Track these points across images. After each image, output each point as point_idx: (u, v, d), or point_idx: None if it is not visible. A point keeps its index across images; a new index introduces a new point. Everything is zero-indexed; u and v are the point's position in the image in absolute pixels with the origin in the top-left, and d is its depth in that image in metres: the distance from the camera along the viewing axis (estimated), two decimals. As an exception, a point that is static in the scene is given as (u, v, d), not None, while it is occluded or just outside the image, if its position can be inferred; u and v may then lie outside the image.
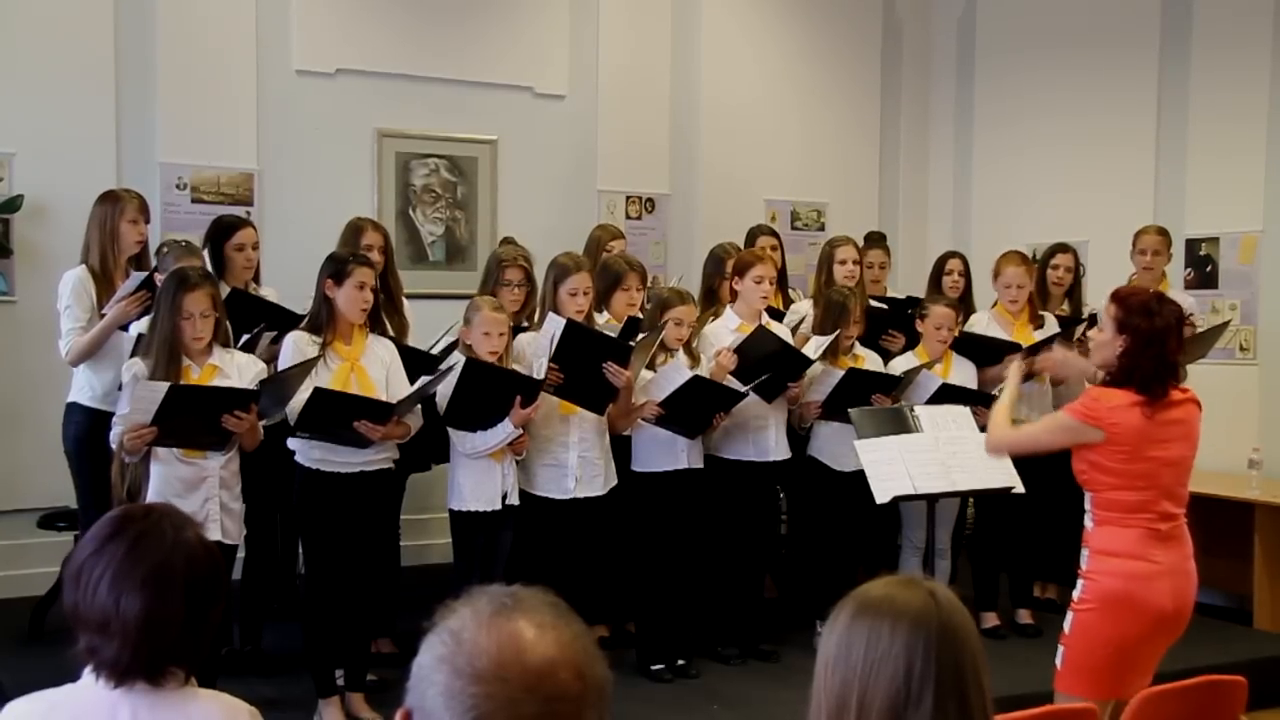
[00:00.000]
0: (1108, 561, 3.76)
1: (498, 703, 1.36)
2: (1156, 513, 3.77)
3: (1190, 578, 3.84)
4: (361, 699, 4.79)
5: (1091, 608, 3.77)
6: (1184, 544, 3.85)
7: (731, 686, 5.31)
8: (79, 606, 2.05)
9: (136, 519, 2.10)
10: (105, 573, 2.03)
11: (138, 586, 2.01)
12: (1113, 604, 3.73)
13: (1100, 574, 3.77)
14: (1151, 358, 3.74)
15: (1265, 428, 6.93)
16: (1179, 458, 3.82)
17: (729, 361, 5.34)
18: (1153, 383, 3.73)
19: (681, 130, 8.15)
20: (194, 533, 2.12)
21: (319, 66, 7.14)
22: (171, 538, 2.07)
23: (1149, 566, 3.74)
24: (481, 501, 4.89)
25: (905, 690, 1.71)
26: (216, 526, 4.42)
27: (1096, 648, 3.75)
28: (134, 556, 2.03)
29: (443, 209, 7.49)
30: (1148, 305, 3.80)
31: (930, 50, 9.08)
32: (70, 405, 5.29)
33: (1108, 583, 3.75)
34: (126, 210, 5.31)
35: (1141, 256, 6.28)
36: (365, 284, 4.69)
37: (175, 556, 2.05)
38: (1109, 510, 3.79)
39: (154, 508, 2.18)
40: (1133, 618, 3.72)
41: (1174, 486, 3.82)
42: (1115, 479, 3.76)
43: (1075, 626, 3.81)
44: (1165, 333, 3.76)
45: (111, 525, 2.09)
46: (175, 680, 2.08)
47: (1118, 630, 3.73)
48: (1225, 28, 7.21)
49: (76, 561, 2.07)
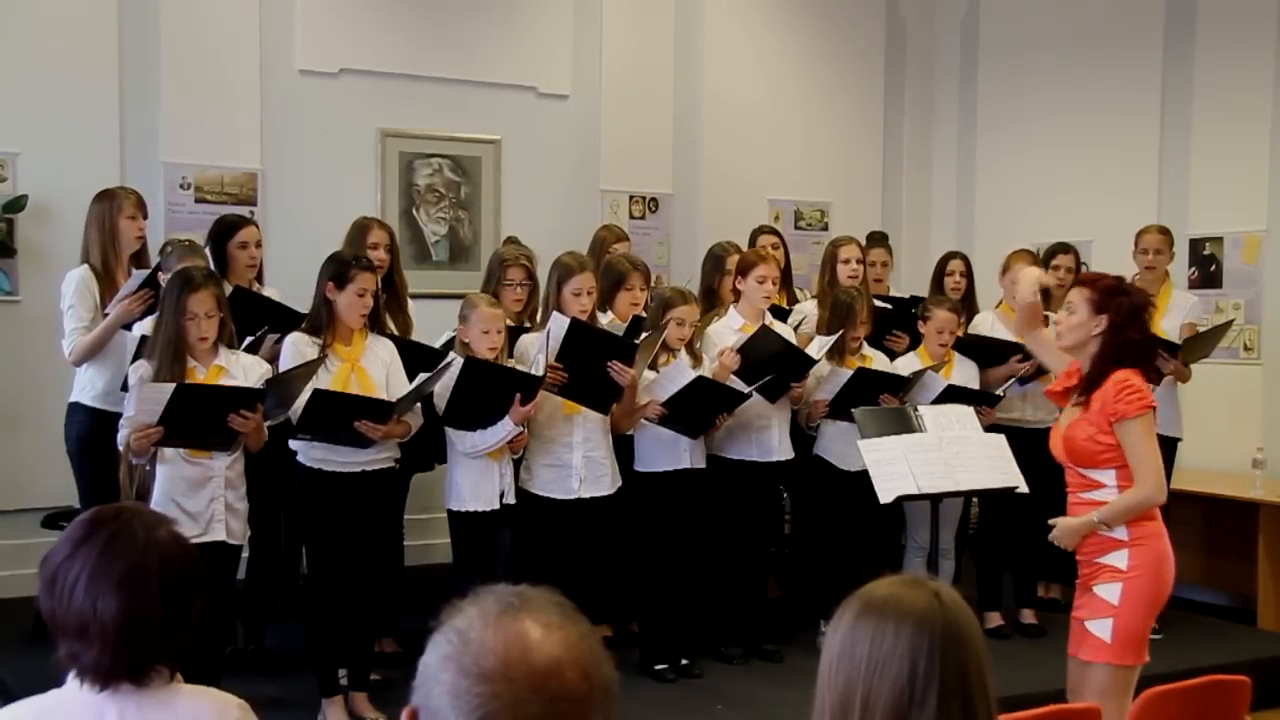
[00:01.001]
0: (1149, 525, 3.85)
1: (504, 702, 1.36)
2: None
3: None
4: (365, 698, 4.79)
5: (1142, 573, 3.82)
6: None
7: (735, 686, 5.30)
8: (56, 612, 2.04)
9: (108, 520, 2.08)
10: (80, 576, 2.02)
11: (113, 588, 2.00)
12: (1161, 562, 3.85)
13: (1146, 538, 3.83)
14: (1139, 329, 3.87)
15: (1269, 427, 6.93)
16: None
17: (732, 361, 5.34)
18: (1147, 354, 3.89)
19: (685, 130, 8.15)
20: (167, 530, 2.11)
21: (322, 66, 7.14)
22: (144, 537, 2.06)
23: (1160, 525, 3.89)
24: (480, 501, 4.89)
25: (909, 690, 1.71)
26: (221, 526, 4.42)
27: (1146, 610, 3.84)
28: (108, 558, 2.02)
29: (446, 209, 7.50)
30: (1120, 285, 3.92)
31: (934, 50, 9.07)
32: (73, 405, 5.30)
33: (1155, 544, 3.84)
34: (124, 207, 5.31)
35: (1144, 256, 6.28)
36: (366, 290, 4.69)
37: (149, 556, 2.04)
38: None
39: (124, 508, 2.17)
40: (1168, 572, 3.87)
41: None
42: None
43: (1128, 595, 3.80)
44: (1143, 308, 3.90)
45: (83, 528, 2.08)
46: (160, 679, 2.07)
47: (1160, 589, 3.85)
48: (1228, 28, 7.21)
49: (50, 567, 2.06)
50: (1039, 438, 5.95)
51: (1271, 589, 6.35)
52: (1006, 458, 5.08)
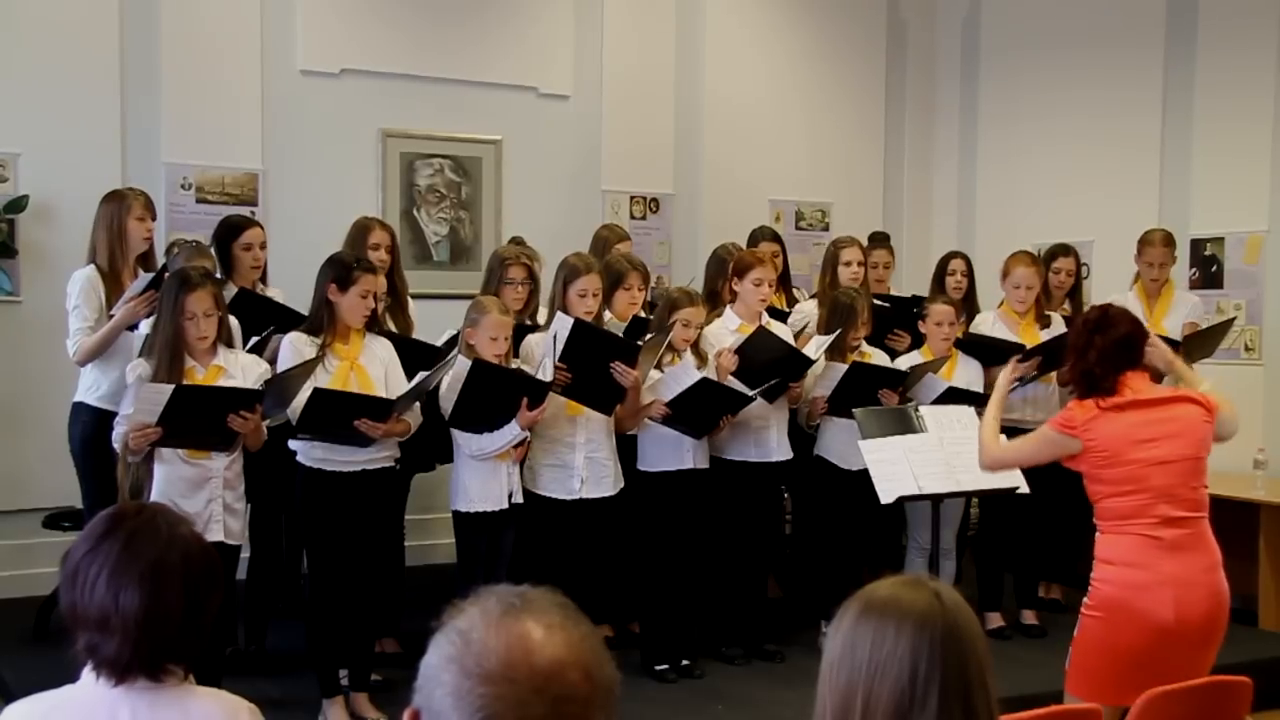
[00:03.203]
0: (1106, 569, 3.77)
1: (506, 703, 1.36)
2: (1155, 518, 3.71)
3: (1203, 589, 3.72)
4: (366, 699, 4.79)
5: (1096, 615, 3.78)
6: (1199, 553, 3.75)
7: (736, 687, 5.30)
8: (77, 605, 2.05)
9: (130, 516, 2.11)
10: (102, 570, 2.03)
11: (136, 581, 2.02)
12: (1112, 612, 3.73)
13: (1100, 581, 3.78)
14: (1076, 362, 3.86)
15: (1270, 428, 6.92)
16: (1171, 458, 3.73)
17: (730, 362, 5.34)
18: (1091, 383, 3.81)
19: (686, 130, 8.15)
20: (188, 528, 2.13)
21: (324, 66, 7.14)
22: (166, 533, 2.08)
23: (1147, 575, 3.69)
24: (488, 502, 4.89)
25: (910, 692, 1.71)
26: (220, 527, 4.42)
27: (1096, 654, 3.76)
28: (130, 552, 2.04)
29: (447, 209, 7.50)
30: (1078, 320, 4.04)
31: (935, 50, 9.07)
32: (76, 405, 5.30)
33: (1106, 590, 3.76)
34: (133, 208, 5.31)
35: (1149, 269, 6.29)
36: (369, 292, 4.69)
37: (171, 551, 2.06)
38: (1106, 519, 3.81)
39: (147, 505, 2.20)
40: (1130, 628, 3.68)
41: (1173, 488, 3.72)
42: (1104, 486, 3.79)
43: (1080, 631, 3.84)
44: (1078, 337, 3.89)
45: (106, 523, 2.09)
46: (174, 678, 2.08)
47: (1115, 639, 3.72)
48: (1230, 29, 7.21)
49: (73, 560, 2.08)
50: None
51: (1272, 590, 6.35)
52: (1008, 458, 5.07)
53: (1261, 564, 6.34)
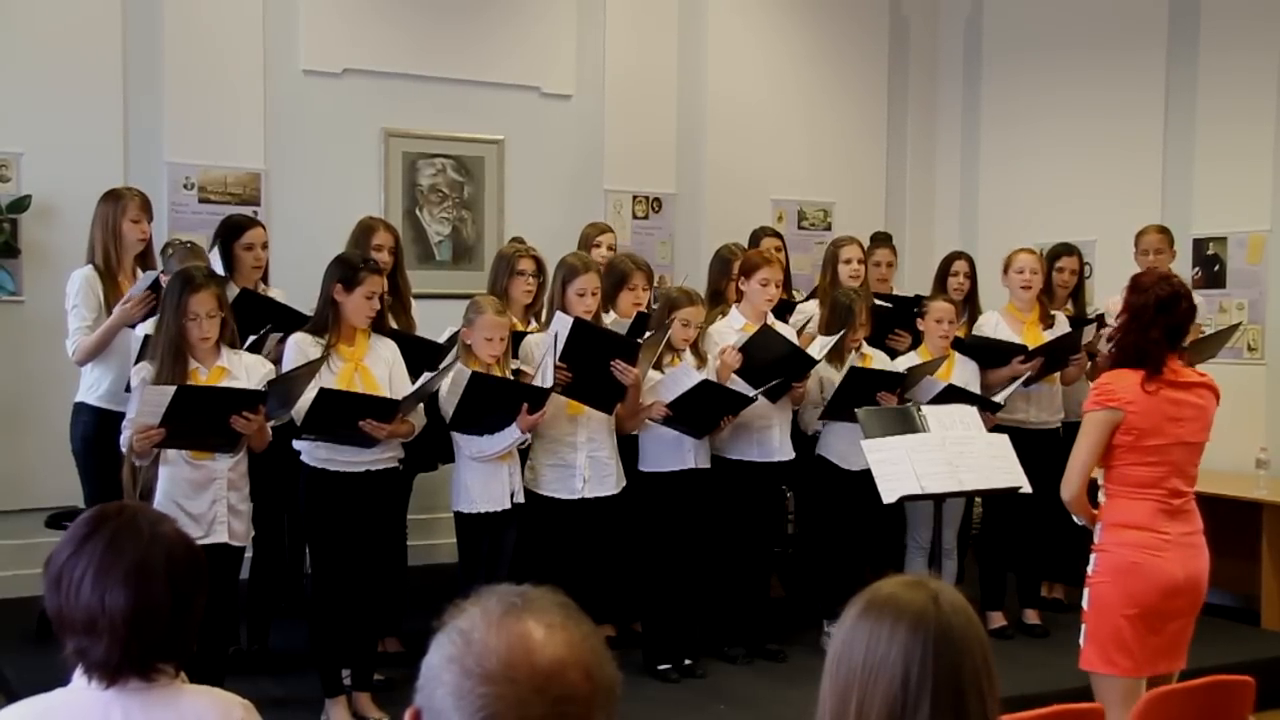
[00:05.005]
0: (1122, 534, 3.89)
1: (507, 703, 1.36)
2: (1168, 489, 3.92)
3: (1200, 551, 3.95)
4: (368, 698, 4.79)
5: (1105, 580, 3.89)
6: (1193, 520, 3.98)
7: (738, 686, 5.30)
8: (63, 609, 2.05)
9: (111, 517, 2.10)
10: (87, 572, 2.03)
11: (121, 582, 2.02)
12: (1124, 574, 3.85)
13: (1114, 546, 3.90)
14: (1134, 331, 3.90)
15: (1272, 427, 6.92)
16: (1193, 439, 3.95)
17: (734, 360, 5.34)
18: (1142, 357, 3.88)
19: (688, 130, 8.15)
20: (170, 526, 2.13)
21: (326, 66, 7.15)
22: (149, 532, 2.08)
23: (1158, 538, 3.87)
24: (490, 502, 4.89)
25: (903, 696, 1.69)
26: (224, 528, 4.42)
27: (1114, 617, 3.85)
28: (113, 553, 2.04)
29: (449, 209, 7.50)
30: (1140, 283, 3.98)
31: (937, 50, 9.07)
32: (78, 405, 5.30)
33: (1120, 553, 3.88)
34: (129, 209, 5.31)
35: (1144, 257, 6.28)
36: (375, 293, 4.69)
37: (154, 550, 2.06)
38: (1123, 485, 3.93)
39: (127, 505, 2.19)
40: (1144, 586, 3.83)
41: (1186, 465, 3.95)
42: (1133, 455, 3.89)
43: (1092, 600, 3.93)
44: (1143, 309, 3.90)
45: (87, 525, 2.09)
46: (166, 677, 2.08)
47: (1131, 598, 3.83)
48: (1232, 29, 7.21)
49: (56, 565, 2.07)
50: (1042, 438, 6.00)
51: (1275, 589, 6.34)
52: (1010, 458, 5.08)
53: (1264, 564, 6.33)
